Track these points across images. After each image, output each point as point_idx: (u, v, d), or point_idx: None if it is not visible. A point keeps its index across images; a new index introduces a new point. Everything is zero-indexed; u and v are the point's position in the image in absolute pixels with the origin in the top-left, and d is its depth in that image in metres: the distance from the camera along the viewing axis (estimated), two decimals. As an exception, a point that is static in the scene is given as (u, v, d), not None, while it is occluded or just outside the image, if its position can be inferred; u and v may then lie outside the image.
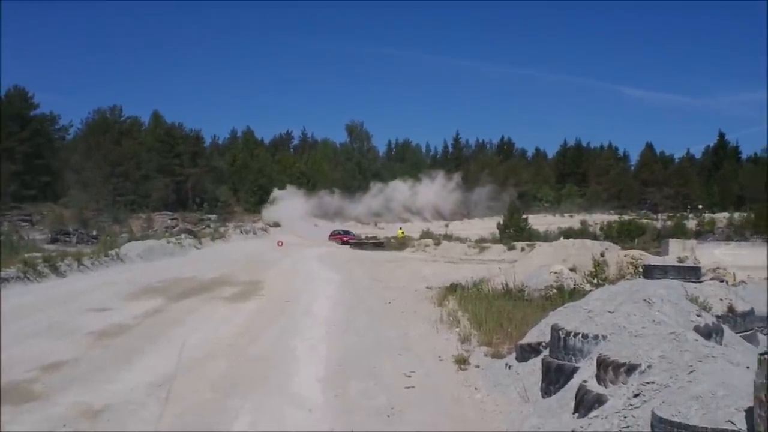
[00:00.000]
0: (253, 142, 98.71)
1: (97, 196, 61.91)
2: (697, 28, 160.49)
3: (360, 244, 48.34)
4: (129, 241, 29.42)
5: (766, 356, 3.29)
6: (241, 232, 53.57)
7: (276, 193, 74.49)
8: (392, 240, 51.38)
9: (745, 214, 63.40)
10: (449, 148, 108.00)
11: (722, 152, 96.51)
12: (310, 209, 69.68)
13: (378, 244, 48.27)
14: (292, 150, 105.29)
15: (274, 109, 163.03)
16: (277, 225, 63.04)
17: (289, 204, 68.97)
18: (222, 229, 51.56)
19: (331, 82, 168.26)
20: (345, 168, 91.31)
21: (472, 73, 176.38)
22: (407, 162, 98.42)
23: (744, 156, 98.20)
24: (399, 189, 76.11)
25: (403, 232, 55.18)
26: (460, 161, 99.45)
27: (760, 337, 8.62)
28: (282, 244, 42.24)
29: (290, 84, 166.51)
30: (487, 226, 59.97)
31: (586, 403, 4.80)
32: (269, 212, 70.00)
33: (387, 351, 9.14)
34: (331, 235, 55.20)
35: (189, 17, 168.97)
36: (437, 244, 45.13)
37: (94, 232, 42.87)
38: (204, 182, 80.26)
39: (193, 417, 6.10)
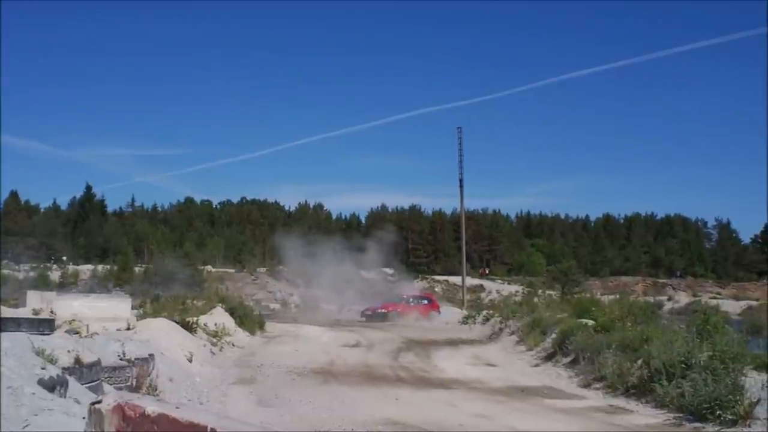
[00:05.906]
0: None
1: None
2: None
3: None
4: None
5: (95, 405, 3.48)
6: None
7: None
8: None
9: (109, 267, 66.37)
10: None
11: (89, 204, 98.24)
12: None
13: None
14: None
15: None
16: None
17: None
18: None
19: None
20: None
21: None
22: None
23: (110, 209, 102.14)
24: None
25: None
26: None
27: (106, 386, 9.07)
28: None
29: None
30: None
31: None
32: None
33: None
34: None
35: None
36: None
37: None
38: None
39: None
